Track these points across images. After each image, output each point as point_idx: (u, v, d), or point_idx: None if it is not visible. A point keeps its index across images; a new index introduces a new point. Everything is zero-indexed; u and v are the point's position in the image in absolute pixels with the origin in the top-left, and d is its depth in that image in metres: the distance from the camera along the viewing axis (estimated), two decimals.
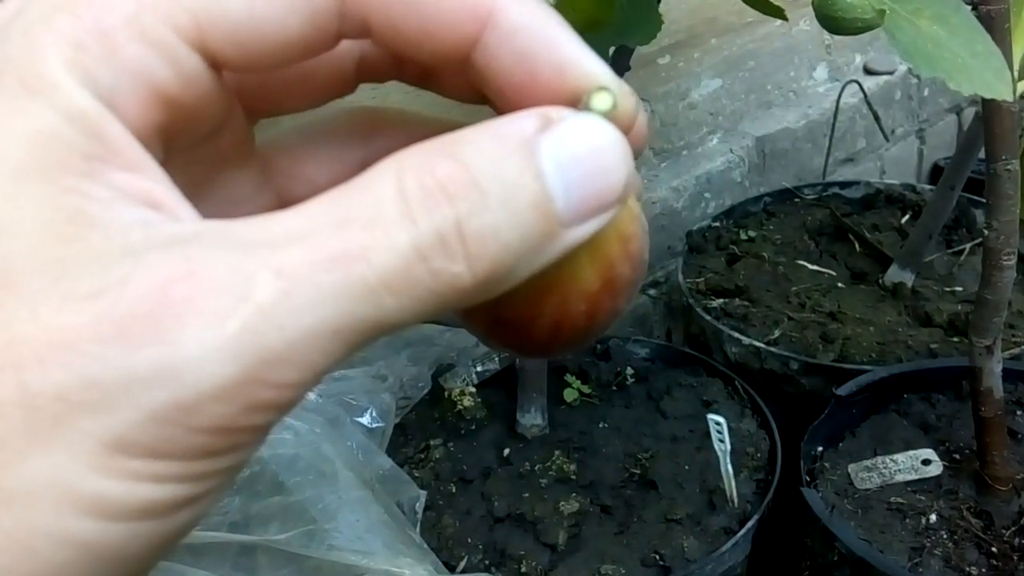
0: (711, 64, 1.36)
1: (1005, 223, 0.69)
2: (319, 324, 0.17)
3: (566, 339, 0.23)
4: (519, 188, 0.18)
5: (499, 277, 0.18)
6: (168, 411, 0.16)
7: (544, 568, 0.82)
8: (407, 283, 0.17)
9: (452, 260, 0.18)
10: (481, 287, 0.18)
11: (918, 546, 0.79)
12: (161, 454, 0.16)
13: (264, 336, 0.17)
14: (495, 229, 0.18)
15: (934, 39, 0.35)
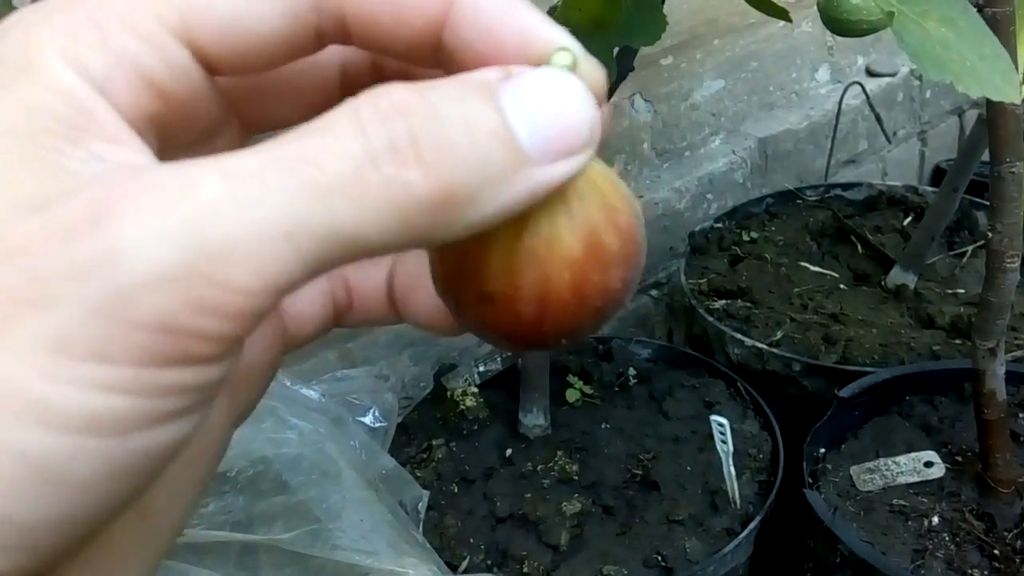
0: (713, 65, 1.36)
1: (1009, 226, 0.69)
2: (267, 223, 0.16)
3: (555, 318, 0.22)
4: (478, 117, 0.18)
5: (459, 195, 0.18)
6: (108, 302, 0.16)
7: (546, 568, 0.82)
8: (359, 188, 0.17)
9: (404, 166, 0.17)
10: (440, 202, 0.18)
11: (920, 548, 0.79)
12: (105, 356, 0.16)
13: (207, 228, 0.16)
14: (451, 143, 0.18)
15: (942, 41, 0.35)
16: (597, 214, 0.22)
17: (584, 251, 0.21)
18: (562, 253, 0.21)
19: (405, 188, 0.18)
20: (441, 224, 0.18)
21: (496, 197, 0.19)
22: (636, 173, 1.31)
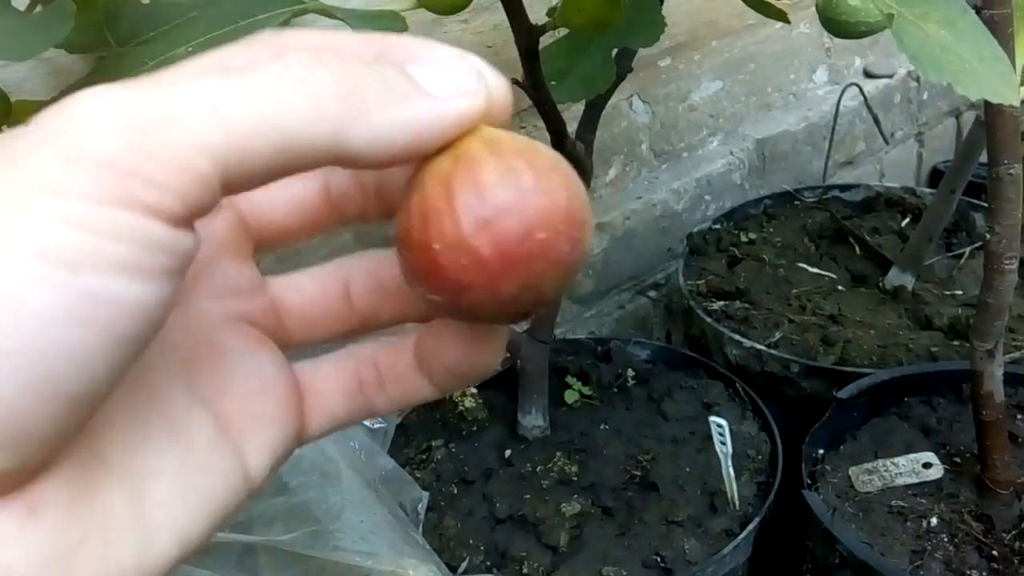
0: (711, 66, 1.36)
1: (1007, 227, 0.69)
2: (198, 98, 0.19)
3: (488, 268, 0.21)
4: (384, 68, 0.22)
5: (365, 93, 0.21)
6: (65, 149, 0.18)
7: (545, 569, 0.82)
8: (276, 80, 0.20)
9: (314, 68, 0.20)
10: (347, 93, 0.21)
11: (919, 549, 0.79)
12: (60, 193, 0.18)
13: (152, 103, 0.19)
14: (357, 70, 0.21)
15: (941, 43, 0.35)
16: (517, 164, 0.22)
17: (502, 197, 0.21)
18: (447, 185, 0.22)
19: (316, 81, 0.20)
20: (352, 118, 0.21)
21: (400, 111, 0.21)
22: (634, 174, 1.31)
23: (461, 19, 1.02)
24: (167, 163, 0.19)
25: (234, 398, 0.25)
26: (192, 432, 0.24)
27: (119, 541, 0.21)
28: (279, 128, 0.20)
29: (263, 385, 0.26)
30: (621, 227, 1.26)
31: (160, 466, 0.23)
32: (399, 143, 0.21)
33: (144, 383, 0.23)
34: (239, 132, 0.19)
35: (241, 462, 0.24)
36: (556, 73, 0.73)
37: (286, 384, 0.26)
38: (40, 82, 0.74)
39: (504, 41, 1.06)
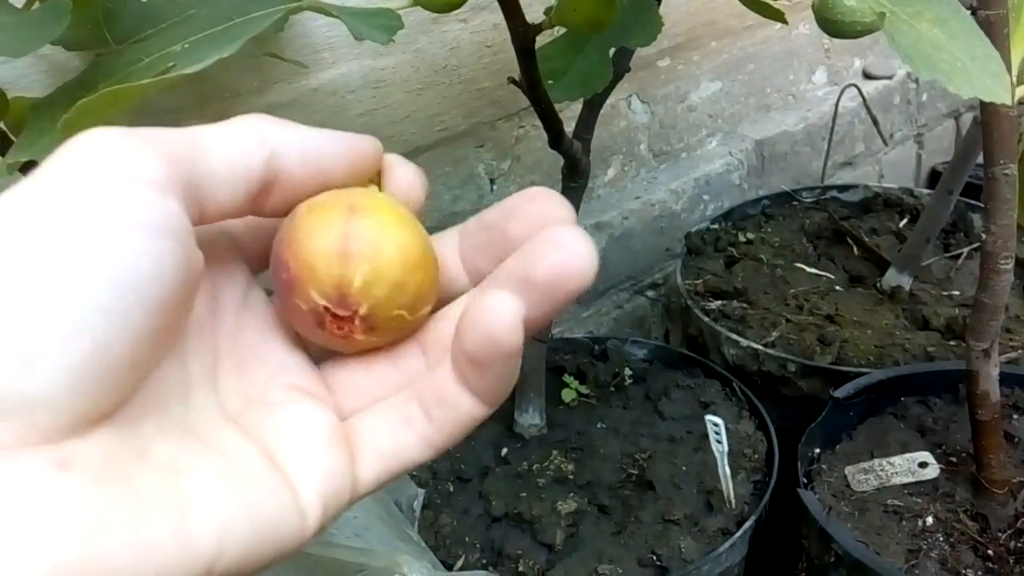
0: (710, 67, 1.36)
1: (1003, 227, 0.69)
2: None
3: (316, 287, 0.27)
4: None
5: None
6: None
7: (541, 567, 0.82)
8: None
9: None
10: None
11: (914, 548, 0.79)
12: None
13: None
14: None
15: (934, 42, 0.35)
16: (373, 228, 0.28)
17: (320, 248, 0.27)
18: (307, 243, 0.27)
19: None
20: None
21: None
22: (633, 174, 1.31)
23: (459, 19, 1.03)
24: (145, 147, 0.24)
25: (285, 441, 0.27)
26: (238, 459, 0.25)
27: (153, 515, 0.22)
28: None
29: (311, 430, 0.27)
30: (619, 227, 1.26)
31: (200, 465, 0.24)
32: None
33: (193, 424, 0.26)
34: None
35: (290, 488, 0.26)
36: (553, 72, 0.73)
37: (333, 430, 0.28)
38: (37, 79, 0.74)
39: (503, 41, 1.06)
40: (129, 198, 0.23)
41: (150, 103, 0.83)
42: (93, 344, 0.22)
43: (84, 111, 0.41)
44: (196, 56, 0.47)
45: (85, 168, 0.23)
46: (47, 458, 0.21)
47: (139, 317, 0.22)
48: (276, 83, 0.90)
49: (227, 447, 0.26)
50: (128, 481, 0.22)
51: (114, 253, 0.22)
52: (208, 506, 0.23)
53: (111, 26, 0.56)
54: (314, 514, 0.26)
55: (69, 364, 0.21)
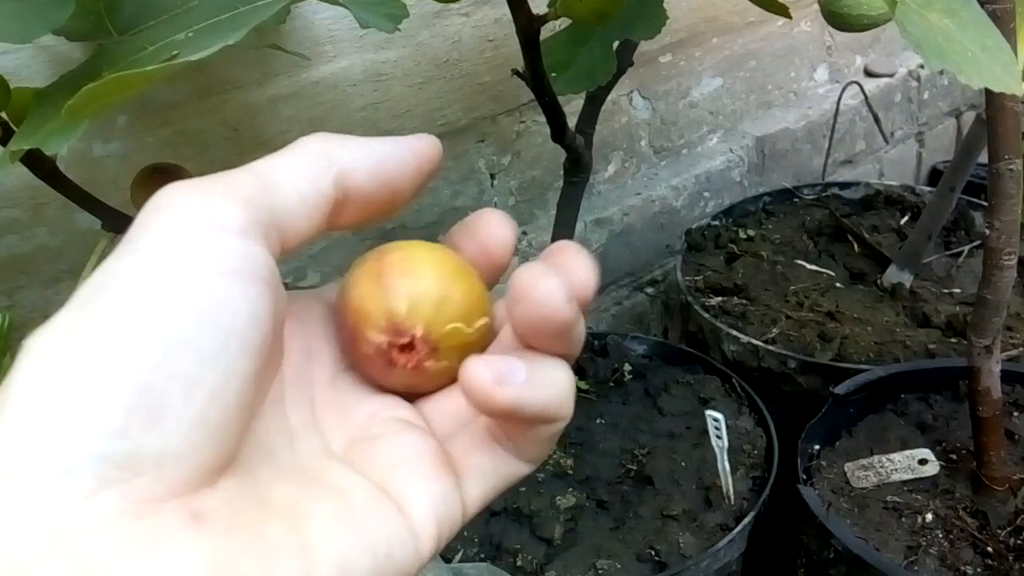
0: (712, 63, 1.36)
1: (1006, 223, 0.69)
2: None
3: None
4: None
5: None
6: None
7: (540, 562, 0.82)
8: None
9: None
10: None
11: (914, 545, 0.79)
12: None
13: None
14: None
15: (944, 32, 0.35)
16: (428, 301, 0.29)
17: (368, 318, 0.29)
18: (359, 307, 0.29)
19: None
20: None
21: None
22: (634, 170, 1.31)
23: (462, 12, 1.02)
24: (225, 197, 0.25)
25: (392, 469, 0.27)
26: (351, 493, 0.26)
27: (281, 560, 0.23)
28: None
29: (415, 452, 0.28)
30: (620, 223, 1.26)
31: (318, 510, 0.25)
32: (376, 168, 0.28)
33: (303, 468, 0.27)
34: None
35: (403, 514, 0.26)
36: (557, 65, 0.73)
37: (436, 451, 0.28)
38: (39, 69, 0.74)
39: (505, 35, 1.06)
40: (218, 247, 0.24)
41: (152, 95, 0.83)
42: (210, 393, 0.23)
43: (88, 98, 0.40)
44: (200, 44, 0.47)
45: (173, 225, 0.24)
46: (183, 511, 0.22)
47: (243, 362, 0.24)
48: (277, 76, 0.90)
49: (339, 484, 0.26)
50: (255, 528, 0.23)
51: (214, 302, 0.23)
52: (329, 545, 0.24)
53: (113, 17, 0.55)
54: (428, 536, 0.26)
55: (191, 416, 0.22)
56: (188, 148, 0.85)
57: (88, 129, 0.80)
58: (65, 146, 0.45)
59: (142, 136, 0.83)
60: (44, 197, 0.73)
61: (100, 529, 0.21)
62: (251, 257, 0.24)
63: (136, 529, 0.21)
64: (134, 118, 0.83)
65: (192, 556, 0.21)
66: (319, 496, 0.25)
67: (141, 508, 0.21)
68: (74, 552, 0.20)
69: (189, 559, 0.21)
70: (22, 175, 0.59)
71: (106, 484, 0.21)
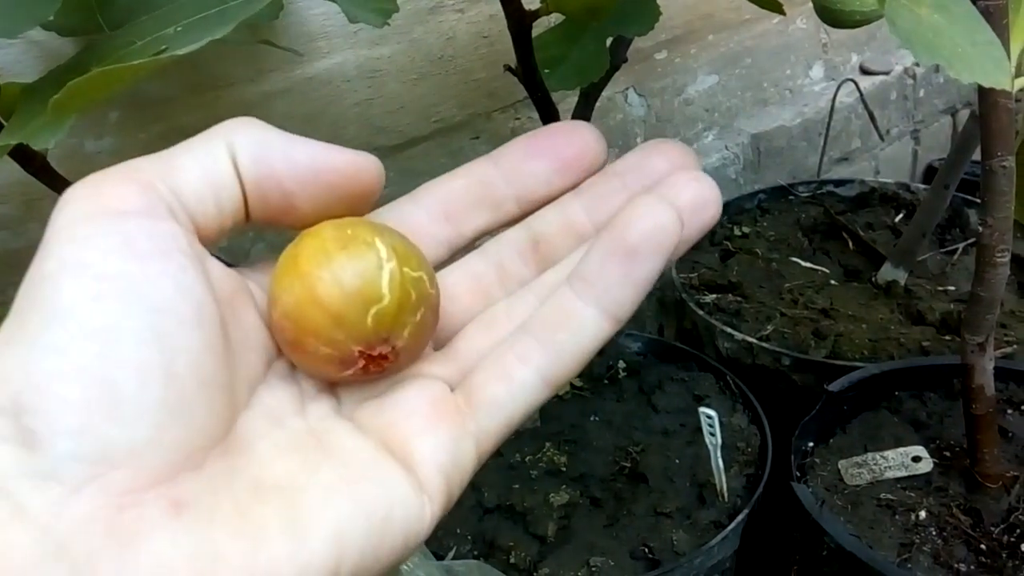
0: (707, 60, 1.36)
1: (1000, 220, 0.69)
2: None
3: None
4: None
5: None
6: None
7: (533, 559, 0.82)
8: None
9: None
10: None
11: (907, 542, 0.79)
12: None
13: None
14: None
15: (934, 27, 0.35)
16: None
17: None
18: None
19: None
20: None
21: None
22: None
23: (456, 9, 1.02)
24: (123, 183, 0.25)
25: (390, 425, 0.27)
26: (352, 456, 0.26)
27: (267, 542, 0.23)
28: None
29: (414, 408, 0.28)
30: None
31: (314, 482, 0.25)
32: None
33: (304, 433, 0.27)
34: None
35: (409, 471, 0.26)
36: (550, 61, 0.72)
37: (437, 398, 0.28)
38: (30, 65, 0.74)
39: (500, 31, 1.05)
40: (124, 232, 0.24)
41: (144, 91, 0.82)
42: (161, 374, 0.23)
43: (74, 92, 0.40)
44: (189, 39, 0.47)
45: (76, 220, 0.24)
46: (164, 500, 0.22)
47: (185, 336, 0.24)
48: (270, 72, 0.90)
49: (342, 447, 0.26)
50: (241, 511, 0.23)
51: (133, 285, 0.23)
52: (322, 516, 0.24)
53: (105, 12, 0.55)
54: (437, 491, 0.26)
55: (149, 400, 0.22)
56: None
57: (80, 125, 0.81)
58: (53, 141, 0.44)
59: (134, 132, 0.83)
60: (36, 193, 0.72)
61: (83, 525, 0.21)
62: (159, 234, 0.24)
63: (118, 522, 0.21)
64: (126, 114, 0.82)
65: (173, 549, 0.21)
66: (317, 466, 0.25)
67: (122, 500, 0.22)
68: (61, 551, 0.20)
69: (170, 553, 0.21)
70: (14, 171, 0.59)
71: (84, 481, 0.21)
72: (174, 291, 0.24)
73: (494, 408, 0.29)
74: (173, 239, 0.24)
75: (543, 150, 0.31)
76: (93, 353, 0.22)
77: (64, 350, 0.22)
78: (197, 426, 0.24)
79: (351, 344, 0.27)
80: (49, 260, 0.24)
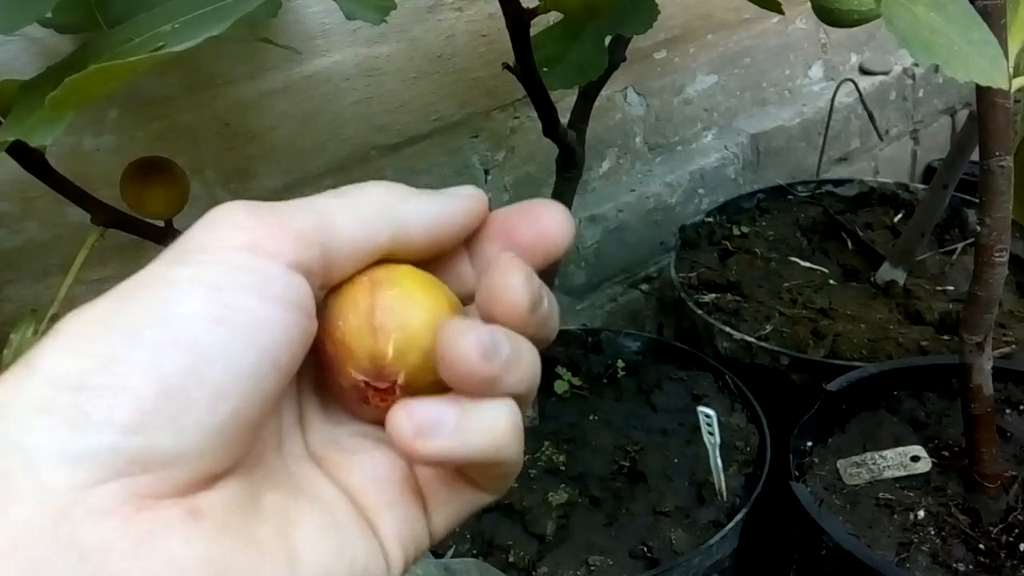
0: (707, 60, 1.36)
1: (998, 219, 0.69)
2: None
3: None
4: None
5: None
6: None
7: (532, 558, 0.82)
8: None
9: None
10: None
11: (906, 541, 0.79)
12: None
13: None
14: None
15: (931, 26, 0.35)
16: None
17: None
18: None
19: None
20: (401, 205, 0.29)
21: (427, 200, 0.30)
22: (628, 167, 1.31)
23: (456, 7, 1.02)
24: (282, 229, 0.26)
25: (365, 489, 0.28)
26: (332, 505, 0.27)
27: (268, 562, 0.24)
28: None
29: (380, 476, 0.28)
30: (614, 219, 1.26)
31: (305, 519, 0.26)
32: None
33: (292, 472, 0.28)
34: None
35: (377, 536, 0.27)
36: (548, 60, 0.72)
37: (400, 474, 0.29)
38: (28, 62, 0.74)
39: (498, 30, 1.05)
40: (265, 274, 0.25)
41: (142, 89, 0.82)
42: (234, 406, 0.24)
43: (72, 89, 0.40)
44: (186, 35, 0.47)
45: (227, 245, 0.25)
46: (181, 507, 0.23)
47: (271, 381, 0.25)
48: (269, 70, 0.90)
49: (323, 495, 0.27)
50: (247, 530, 0.24)
51: (254, 321, 0.24)
52: (313, 554, 0.25)
53: (103, 9, 0.55)
54: (397, 560, 0.27)
55: (211, 425, 0.23)
56: (179, 142, 0.85)
57: (78, 123, 0.81)
58: (50, 138, 0.44)
59: (132, 130, 0.83)
60: (34, 191, 0.72)
61: (100, 517, 0.21)
62: (293, 287, 0.25)
63: (135, 520, 0.22)
64: (124, 112, 0.82)
65: (186, 550, 0.22)
66: (307, 506, 0.26)
67: (142, 502, 0.22)
68: (73, 536, 0.21)
69: (183, 552, 0.22)
70: (12, 169, 0.59)
71: (112, 475, 0.22)
72: (284, 340, 0.25)
73: (443, 505, 0.30)
74: (301, 295, 0.25)
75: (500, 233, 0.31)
76: (184, 364, 0.23)
77: (160, 350, 0.23)
78: (233, 455, 0.24)
79: (361, 375, 0.28)
80: (184, 267, 0.24)
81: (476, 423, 0.26)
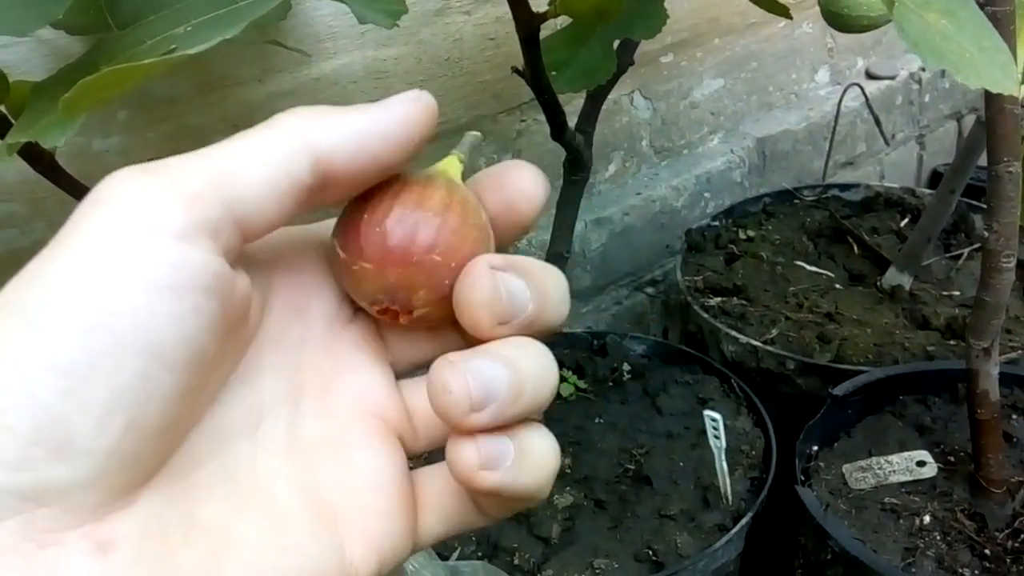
0: (713, 64, 1.36)
1: (1005, 225, 0.69)
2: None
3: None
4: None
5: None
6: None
7: (537, 561, 0.82)
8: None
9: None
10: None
11: (911, 546, 0.79)
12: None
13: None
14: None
15: (942, 33, 0.35)
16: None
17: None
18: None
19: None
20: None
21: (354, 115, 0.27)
22: (634, 170, 1.31)
23: (463, 10, 1.02)
24: (170, 194, 0.23)
25: (345, 491, 0.26)
26: (289, 517, 0.25)
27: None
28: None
29: (376, 480, 0.27)
30: (620, 223, 1.26)
31: (245, 536, 0.24)
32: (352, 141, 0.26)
33: (252, 468, 0.25)
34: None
35: (341, 553, 0.25)
36: (557, 63, 0.73)
37: (399, 482, 0.27)
38: (39, 63, 0.74)
39: (506, 33, 1.06)
40: (149, 257, 0.22)
41: (152, 90, 0.83)
42: (127, 419, 0.21)
43: (84, 91, 0.40)
44: (198, 38, 0.47)
45: (106, 226, 0.22)
46: (88, 541, 0.21)
47: (168, 383, 0.22)
48: (278, 72, 0.90)
49: (277, 500, 0.25)
50: (168, 559, 0.22)
51: (136, 324, 0.21)
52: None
53: (114, 11, 0.55)
54: (366, 570, 0.25)
55: (103, 447, 0.21)
56: (188, 143, 0.84)
57: (88, 124, 0.81)
58: (62, 139, 0.45)
59: (142, 131, 0.83)
60: (43, 192, 0.72)
61: (0, 558, 0.20)
62: (186, 266, 0.22)
63: (37, 559, 0.20)
64: (134, 113, 0.82)
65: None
66: (253, 519, 0.24)
67: (45, 537, 0.21)
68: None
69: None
70: (21, 169, 0.59)
71: (8, 514, 0.20)
72: (175, 337, 0.22)
73: (442, 519, 0.28)
74: (198, 272, 0.22)
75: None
76: (59, 390, 0.21)
77: (30, 379, 0.21)
78: (141, 468, 0.22)
79: (373, 302, 0.28)
80: (55, 264, 0.22)
81: (530, 458, 0.25)
